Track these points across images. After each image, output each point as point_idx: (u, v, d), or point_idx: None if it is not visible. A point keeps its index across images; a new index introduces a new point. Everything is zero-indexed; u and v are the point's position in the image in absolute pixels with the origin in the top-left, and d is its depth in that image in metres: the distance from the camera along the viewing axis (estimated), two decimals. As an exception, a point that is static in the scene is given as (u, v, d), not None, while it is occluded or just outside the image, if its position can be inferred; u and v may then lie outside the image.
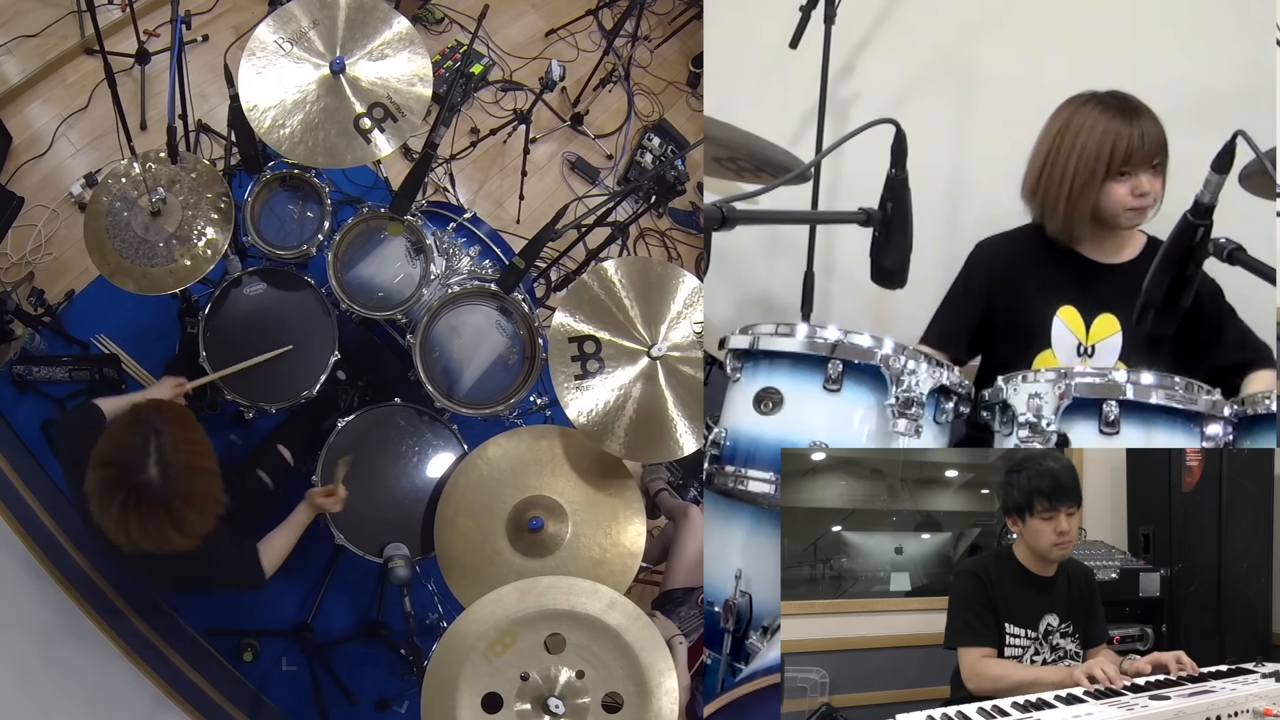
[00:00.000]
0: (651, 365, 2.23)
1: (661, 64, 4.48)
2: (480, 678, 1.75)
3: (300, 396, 2.49)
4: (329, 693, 2.85)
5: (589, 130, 4.17)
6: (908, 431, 1.82)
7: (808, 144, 2.72)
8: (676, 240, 4.06)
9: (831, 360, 1.89)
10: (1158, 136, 2.03)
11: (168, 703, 2.47)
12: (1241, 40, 2.34)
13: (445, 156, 3.74)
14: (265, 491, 2.53)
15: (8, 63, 3.27)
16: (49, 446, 2.81)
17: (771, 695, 1.62)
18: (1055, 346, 2.13)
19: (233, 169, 2.71)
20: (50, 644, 2.29)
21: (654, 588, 2.70)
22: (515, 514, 2.29)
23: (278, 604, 2.88)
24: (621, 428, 2.20)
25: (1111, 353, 2.10)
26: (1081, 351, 2.12)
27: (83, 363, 2.88)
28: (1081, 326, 2.12)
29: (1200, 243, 1.41)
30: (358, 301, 2.51)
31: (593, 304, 2.26)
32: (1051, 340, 2.13)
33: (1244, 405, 1.77)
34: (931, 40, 2.75)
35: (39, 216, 3.13)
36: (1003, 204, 2.32)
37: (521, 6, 4.36)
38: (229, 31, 3.65)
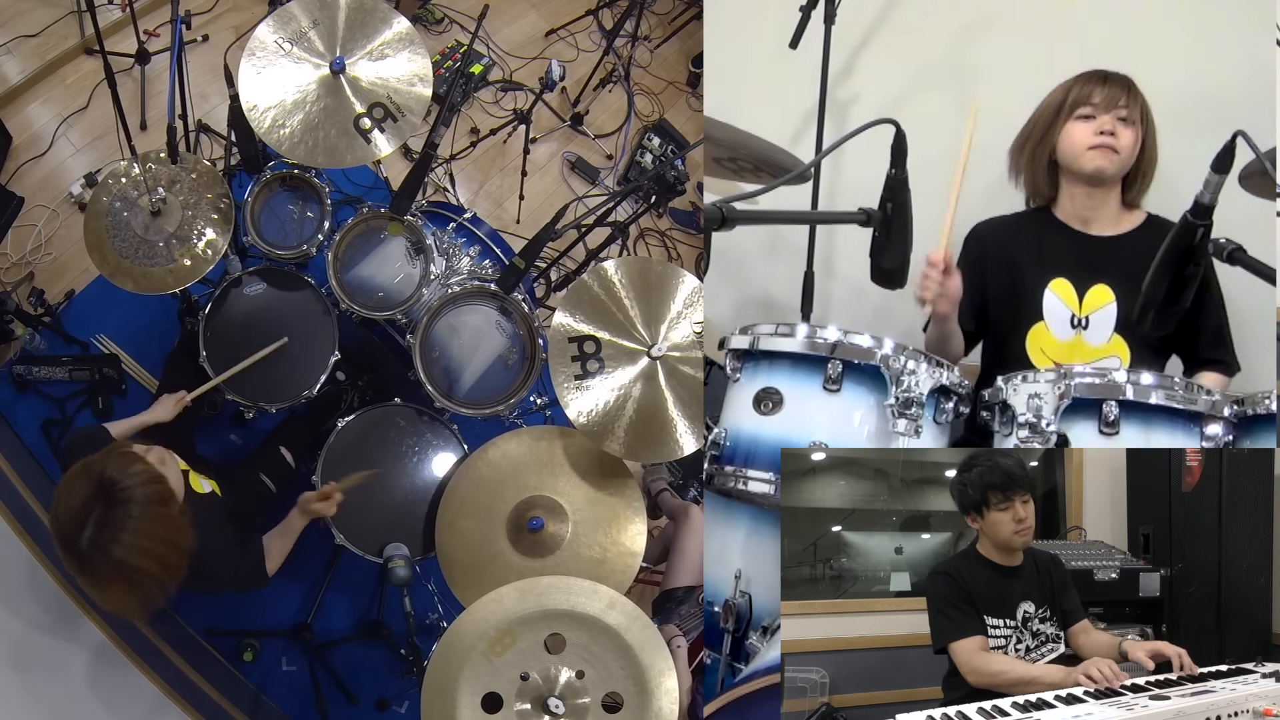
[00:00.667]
0: (651, 365, 2.23)
1: (661, 64, 4.48)
2: (480, 678, 1.75)
3: (300, 397, 2.50)
4: (329, 693, 2.85)
5: (589, 130, 4.17)
6: (908, 431, 1.82)
7: (808, 144, 2.72)
8: (676, 240, 4.06)
9: (831, 360, 1.89)
10: (1123, 84, 2.09)
11: (168, 703, 2.47)
12: (1241, 40, 2.34)
13: (445, 156, 3.74)
14: (268, 494, 2.53)
15: (8, 63, 3.27)
16: (49, 446, 2.81)
17: (771, 695, 1.62)
18: (1048, 319, 2.13)
19: (233, 169, 2.71)
20: (50, 644, 2.29)
21: (654, 588, 2.70)
22: (515, 514, 2.29)
23: (278, 604, 2.88)
24: (621, 428, 2.20)
25: (1106, 324, 2.10)
26: (1075, 323, 2.12)
27: (83, 363, 2.88)
28: (1074, 298, 2.12)
29: (1200, 243, 1.41)
30: (358, 301, 2.51)
31: (593, 304, 2.26)
32: (1044, 313, 2.14)
33: (1244, 405, 1.77)
34: (931, 40, 2.75)
35: (39, 216, 3.13)
36: (1003, 203, 2.33)
37: (521, 6, 4.36)
38: (229, 31, 3.65)
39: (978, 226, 2.29)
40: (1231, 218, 1.47)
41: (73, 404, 2.87)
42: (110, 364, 2.89)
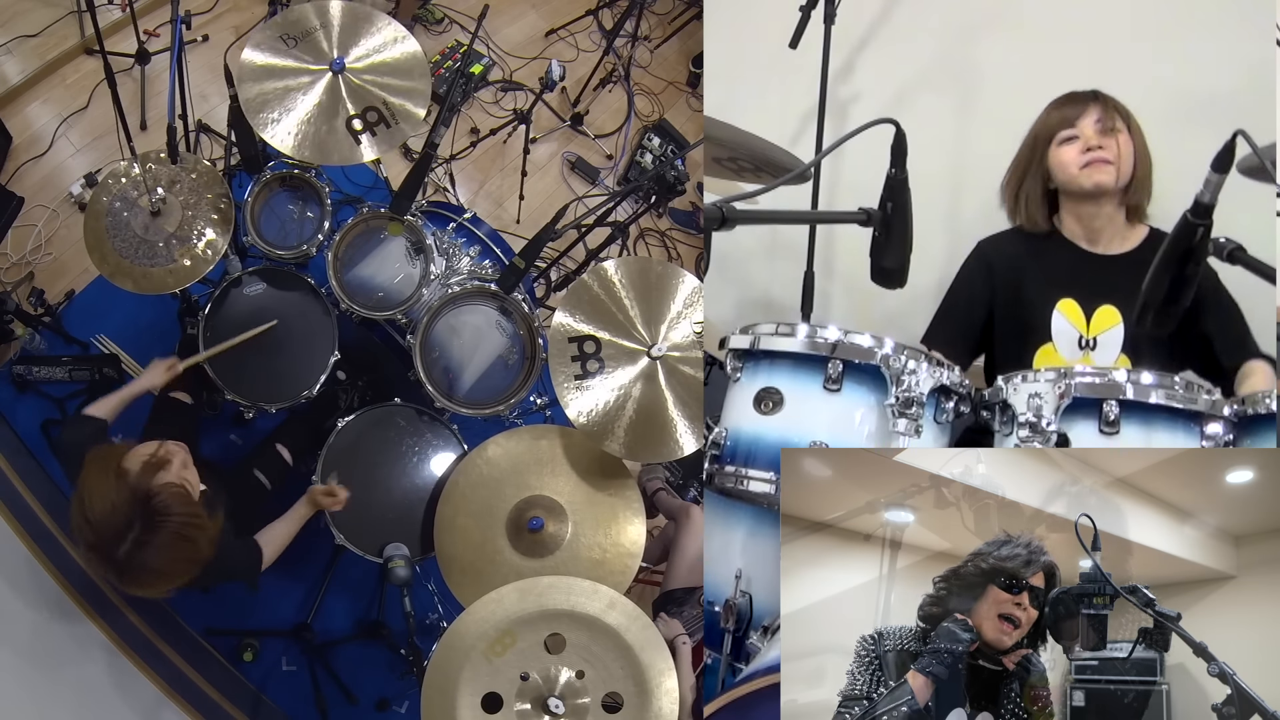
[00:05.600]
0: (651, 365, 2.23)
1: (661, 64, 4.48)
2: (480, 678, 1.75)
3: (300, 396, 2.49)
4: (329, 693, 2.85)
5: (589, 130, 4.17)
6: (908, 431, 1.82)
7: (808, 144, 2.72)
8: (676, 240, 4.06)
9: (832, 360, 1.89)
10: (1093, 98, 2.10)
11: (168, 703, 2.47)
12: (1241, 40, 2.34)
13: (445, 156, 3.74)
14: (263, 491, 2.53)
15: (8, 63, 3.27)
16: (49, 446, 2.81)
17: (771, 695, 1.61)
18: (1056, 340, 2.13)
19: (233, 169, 2.72)
20: (50, 643, 2.29)
21: (654, 588, 2.70)
22: (515, 514, 2.29)
23: (278, 604, 2.88)
24: (621, 428, 2.20)
25: (1114, 345, 2.10)
26: (1083, 345, 2.12)
27: (83, 363, 2.88)
28: (1082, 319, 2.12)
29: (1200, 242, 1.41)
30: (358, 301, 2.51)
31: (593, 304, 2.26)
32: (1052, 334, 2.13)
33: (1244, 405, 1.77)
34: (931, 40, 2.75)
35: (39, 216, 3.13)
36: (1002, 215, 2.32)
37: (521, 6, 4.36)
38: (229, 31, 3.65)
39: (983, 242, 2.28)
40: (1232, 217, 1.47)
41: (73, 404, 2.87)
42: (110, 364, 2.90)
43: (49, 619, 2.34)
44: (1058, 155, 2.12)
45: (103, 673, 2.39)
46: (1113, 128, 2.08)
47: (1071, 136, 2.09)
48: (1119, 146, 2.08)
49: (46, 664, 2.21)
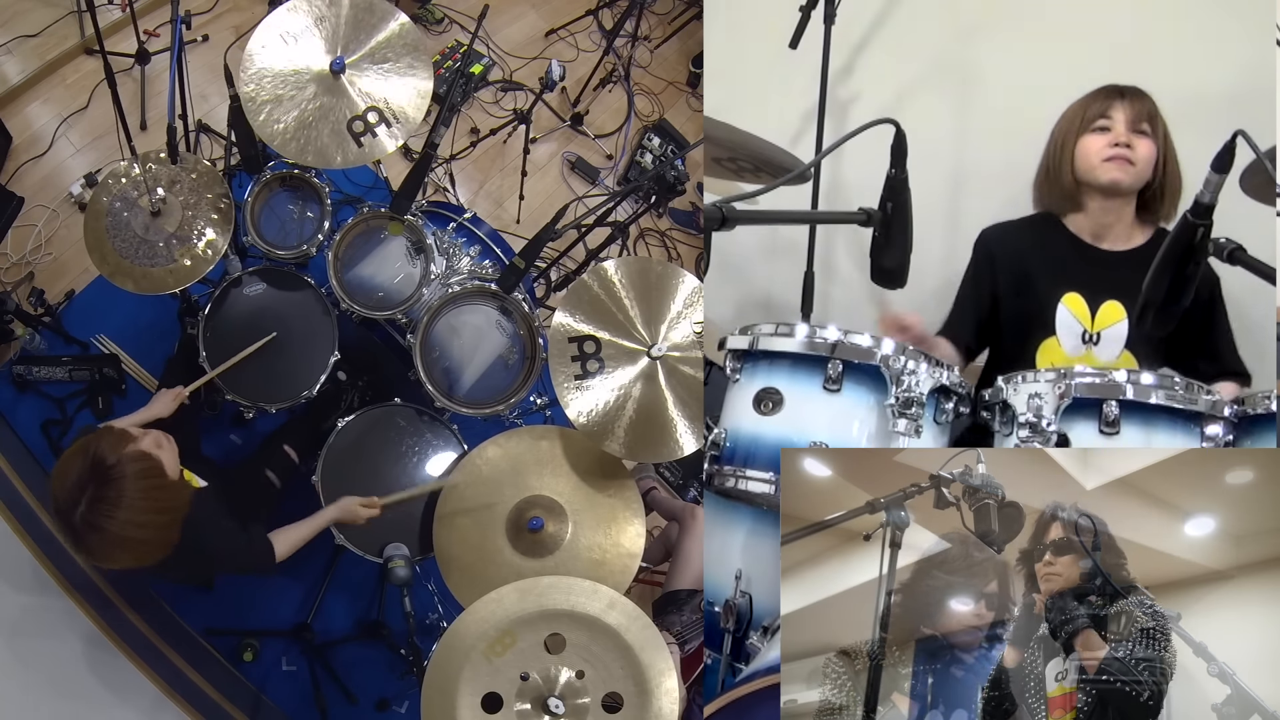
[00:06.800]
0: (651, 365, 2.23)
1: (661, 64, 4.47)
2: (480, 678, 1.75)
3: (300, 397, 2.50)
4: (329, 693, 2.85)
5: (589, 130, 4.17)
6: (908, 431, 1.82)
7: (808, 144, 2.72)
8: (676, 240, 4.06)
9: (831, 360, 1.89)
10: (1140, 98, 2.09)
11: (168, 703, 2.47)
12: (1241, 40, 2.34)
13: (445, 156, 3.74)
14: (273, 489, 2.54)
15: (8, 63, 3.27)
16: (49, 446, 2.81)
17: (771, 695, 1.61)
18: (1060, 334, 2.13)
19: (233, 169, 2.71)
20: (50, 643, 2.29)
21: (654, 588, 2.70)
22: (515, 514, 2.29)
23: (278, 604, 2.88)
24: (621, 428, 2.20)
25: (1117, 340, 2.10)
26: (1087, 339, 2.12)
27: (83, 363, 2.88)
28: (1087, 314, 2.12)
29: (1200, 242, 1.41)
30: (358, 301, 2.51)
31: (593, 304, 2.26)
32: (1056, 328, 2.13)
33: (1244, 405, 1.77)
34: (931, 40, 2.75)
35: (39, 216, 3.13)
36: (1003, 203, 2.33)
37: (521, 7, 4.36)
38: (229, 31, 3.65)
39: (987, 231, 2.28)
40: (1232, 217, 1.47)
41: (73, 404, 2.87)
42: (110, 364, 2.90)
43: (49, 619, 2.35)
44: (1085, 143, 2.11)
45: (104, 673, 2.39)
46: (1146, 130, 2.08)
47: (1104, 127, 2.09)
48: (1144, 149, 2.07)
49: (47, 664, 2.22)
